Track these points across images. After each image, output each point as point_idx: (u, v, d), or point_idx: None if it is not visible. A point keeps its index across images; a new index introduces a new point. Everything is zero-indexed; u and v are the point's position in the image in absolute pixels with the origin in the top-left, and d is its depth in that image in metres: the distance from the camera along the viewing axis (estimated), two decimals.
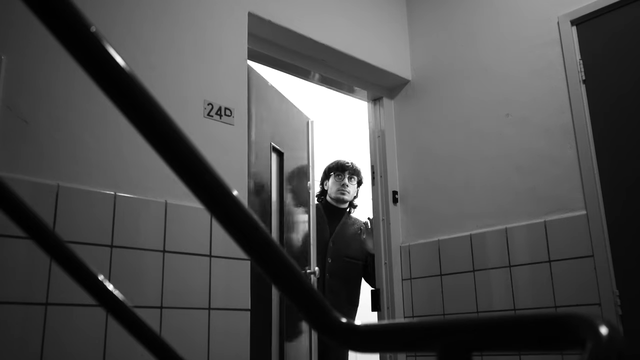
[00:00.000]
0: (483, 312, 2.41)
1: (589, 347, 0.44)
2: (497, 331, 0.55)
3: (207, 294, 1.84)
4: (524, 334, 0.53)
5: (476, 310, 2.45)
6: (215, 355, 1.81)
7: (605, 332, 0.45)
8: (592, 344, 0.44)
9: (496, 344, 0.56)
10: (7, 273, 1.48)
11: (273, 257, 0.64)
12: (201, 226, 1.88)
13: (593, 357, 0.42)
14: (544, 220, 2.30)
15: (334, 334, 0.66)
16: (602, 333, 0.45)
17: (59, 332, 1.52)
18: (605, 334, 0.45)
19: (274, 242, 0.64)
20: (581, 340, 0.46)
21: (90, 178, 1.70)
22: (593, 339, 0.44)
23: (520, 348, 0.54)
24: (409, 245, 2.79)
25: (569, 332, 0.49)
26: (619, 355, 0.42)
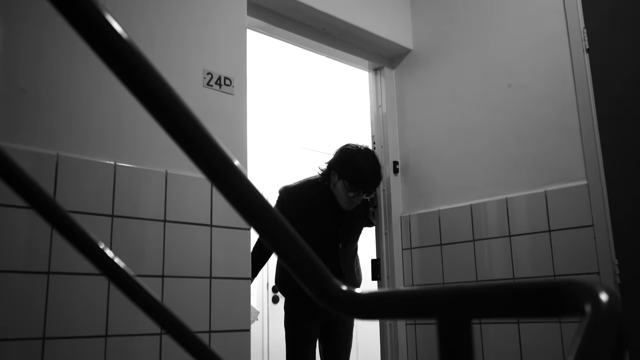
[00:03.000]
0: (483, 282, 2.43)
1: (588, 314, 0.44)
2: (496, 299, 0.55)
3: (208, 263, 1.85)
4: (523, 302, 0.53)
5: (476, 280, 2.47)
6: (217, 322, 1.83)
7: (605, 298, 0.45)
8: (592, 310, 0.44)
9: (496, 311, 0.56)
10: (9, 242, 1.48)
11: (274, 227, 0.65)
12: (202, 196, 1.88)
13: (593, 323, 0.42)
14: (545, 190, 2.30)
15: (335, 302, 0.67)
16: (602, 300, 0.45)
17: (61, 300, 1.53)
18: (605, 300, 0.45)
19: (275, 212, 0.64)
20: (580, 307, 0.46)
21: (90, 148, 1.69)
22: (593, 305, 0.44)
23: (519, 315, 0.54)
24: (409, 216, 2.80)
25: (569, 299, 0.49)
26: (618, 321, 0.42)
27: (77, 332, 1.55)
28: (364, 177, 2.59)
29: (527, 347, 2.27)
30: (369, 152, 2.70)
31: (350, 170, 2.60)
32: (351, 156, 2.64)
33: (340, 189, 2.63)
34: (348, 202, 2.65)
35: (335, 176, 2.66)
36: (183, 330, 0.75)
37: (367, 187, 2.63)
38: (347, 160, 2.64)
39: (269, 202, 0.63)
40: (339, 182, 2.63)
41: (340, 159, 2.68)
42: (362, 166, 2.60)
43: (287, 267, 0.67)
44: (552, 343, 2.18)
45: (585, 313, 0.44)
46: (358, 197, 2.63)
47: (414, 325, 2.69)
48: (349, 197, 2.61)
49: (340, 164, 2.65)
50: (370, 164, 2.62)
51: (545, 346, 2.21)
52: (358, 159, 2.62)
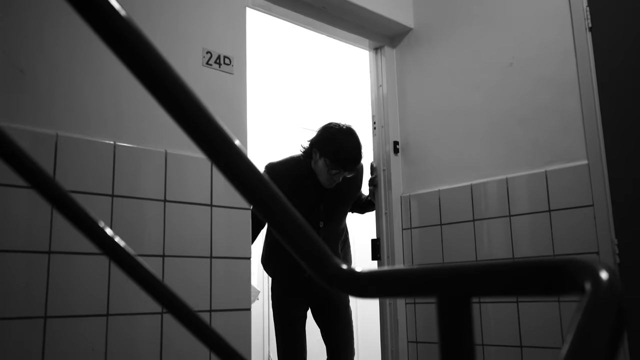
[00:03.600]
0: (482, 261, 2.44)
1: (588, 292, 0.44)
2: (496, 277, 0.55)
3: (208, 243, 1.86)
4: (523, 280, 0.53)
5: (475, 260, 2.47)
6: (218, 302, 1.84)
7: (605, 276, 0.45)
8: (592, 288, 0.44)
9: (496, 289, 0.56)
10: (10, 222, 1.49)
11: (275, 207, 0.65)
12: (202, 176, 1.88)
13: (592, 301, 0.42)
14: (545, 170, 2.30)
15: (335, 281, 0.67)
16: (602, 278, 0.45)
17: (62, 279, 1.54)
18: (605, 278, 0.45)
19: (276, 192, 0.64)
20: (580, 285, 0.46)
21: (89, 128, 1.69)
22: (593, 283, 0.44)
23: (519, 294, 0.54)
24: (409, 196, 2.80)
25: (569, 277, 0.49)
26: (618, 299, 0.42)
27: (78, 311, 1.56)
28: (345, 155, 2.61)
29: (526, 326, 2.28)
30: (350, 130, 2.72)
31: (332, 148, 2.62)
32: (333, 134, 2.68)
33: (321, 166, 2.66)
34: (329, 180, 2.66)
35: (317, 154, 2.67)
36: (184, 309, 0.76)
37: (348, 165, 2.63)
38: (329, 138, 2.67)
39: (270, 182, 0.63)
40: (320, 160, 2.65)
41: (322, 136, 2.71)
42: (343, 144, 2.62)
43: (287, 246, 0.67)
44: (551, 322, 2.20)
45: (585, 291, 0.44)
46: (339, 175, 2.65)
47: (413, 304, 2.71)
48: (330, 174, 2.63)
49: (322, 141, 2.68)
50: (351, 142, 2.64)
51: (544, 325, 2.23)
52: (339, 137, 2.65)
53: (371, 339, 3.45)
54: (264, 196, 0.64)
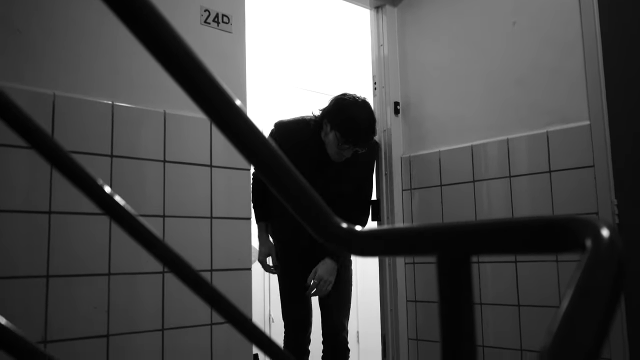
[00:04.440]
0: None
1: (589, 249, 0.44)
2: (497, 235, 0.55)
3: (208, 203, 1.86)
4: (524, 238, 0.53)
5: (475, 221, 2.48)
6: (218, 261, 1.86)
7: (606, 234, 0.45)
8: (593, 245, 0.44)
9: (496, 247, 0.56)
10: (9, 182, 1.48)
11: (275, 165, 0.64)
12: (201, 136, 1.87)
13: (593, 257, 0.42)
14: (546, 131, 2.29)
15: (335, 239, 0.67)
16: (603, 235, 0.45)
17: (63, 239, 1.55)
18: (606, 236, 0.45)
19: (277, 151, 0.63)
20: (581, 242, 0.46)
21: (87, 87, 1.67)
22: (593, 240, 0.44)
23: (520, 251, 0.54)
24: (410, 157, 2.80)
25: (569, 235, 0.49)
26: (619, 256, 0.42)
27: (80, 271, 1.57)
28: (357, 130, 2.47)
29: (524, 286, 2.31)
30: (365, 103, 2.57)
31: (344, 123, 2.48)
32: (346, 106, 2.53)
33: (331, 139, 2.52)
34: (337, 154, 2.55)
35: (328, 126, 2.54)
36: (185, 267, 0.76)
37: (359, 142, 2.50)
38: (341, 110, 2.52)
39: (270, 141, 0.63)
40: (331, 133, 2.52)
41: (334, 108, 2.57)
42: (357, 119, 2.48)
43: (288, 205, 0.67)
44: (549, 283, 2.22)
45: (586, 248, 0.44)
46: (348, 150, 2.53)
47: (412, 264, 2.73)
48: (340, 148, 2.51)
49: (334, 113, 2.54)
50: (364, 116, 2.52)
51: (541, 285, 2.25)
52: (353, 110, 2.51)
53: (370, 298, 3.49)
54: (265, 155, 0.63)
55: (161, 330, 1.70)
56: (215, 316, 1.81)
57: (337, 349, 2.76)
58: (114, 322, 1.61)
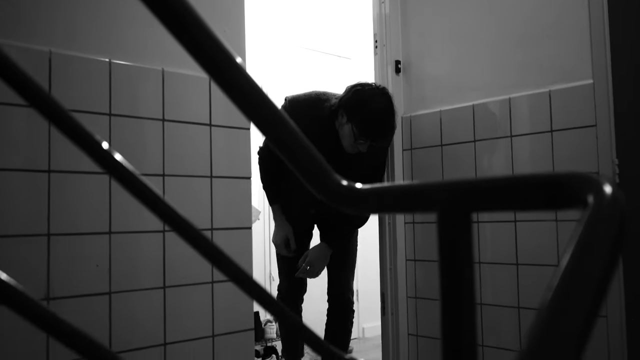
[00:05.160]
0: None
1: (591, 205, 0.43)
2: (498, 191, 0.55)
3: (208, 162, 1.86)
4: (525, 194, 0.52)
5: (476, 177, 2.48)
6: (219, 220, 1.87)
7: (608, 190, 0.44)
8: (595, 201, 0.43)
9: (496, 204, 0.56)
10: (8, 141, 1.48)
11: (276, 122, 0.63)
12: (200, 95, 1.86)
13: (595, 213, 0.42)
14: (549, 90, 2.26)
15: (335, 196, 0.67)
16: (606, 191, 0.44)
17: (63, 198, 1.55)
18: (608, 192, 0.44)
19: (276, 108, 0.63)
20: (583, 199, 0.46)
21: (83, 45, 1.64)
22: (595, 196, 0.44)
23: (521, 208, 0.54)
24: (410, 116, 2.78)
25: (571, 191, 0.48)
26: (621, 212, 0.42)
27: (81, 229, 1.58)
28: (377, 127, 2.32)
29: (523, 246, 2.33)
30: (385, 95, 2.40)
31: (362, 117, 2.33)
32: (365, 100, 2.36)
33: (347, 132, 2.38)
34: (352, 146, 2.42)
35: (344, 117, 2.38)
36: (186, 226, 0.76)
37: (378, 138, 2.38)
38: (360, 104, 2.35)
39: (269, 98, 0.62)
40: (347, 125, 2.37)
41: (352, 100, 2.38)
42: (377, 114, 2.33)
43: (288, 162, 0.67)
44: (548, 242, 2.23)
45: (588, 204, 0.44)
46: (364, 145, 2.39)
47: (412, 224, 2.74)
48: (355, 142, 2.38)
49: (352, 106, 2.37)
50: (385, 112, 2.36)
51: (540, 245, 2.27)
52: (372, 104, 2.34)
53: (370, 257, 3.52)
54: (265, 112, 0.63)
55: (163, 288, 1.72)
56: (216, 274, 1.83)
57: (342, 309, 2.80)
58: (115, 280, 1.63)
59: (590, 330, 0.37)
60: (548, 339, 0.36)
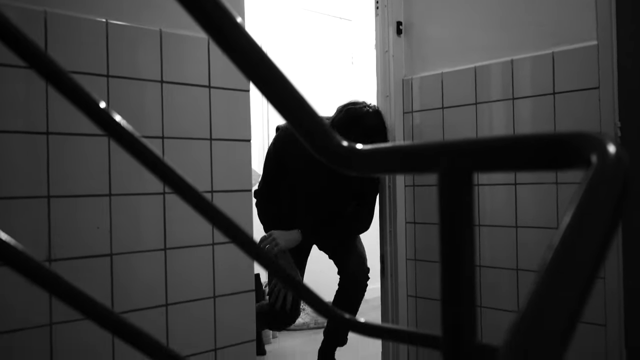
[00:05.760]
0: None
1: (594, 164, 0.43)
2: (500, 151, 0.54)
3: (207, 125, 1.85)
4: (527, 154, 0.52)
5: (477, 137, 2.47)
6: (219, 183, 1.87)
7: (612, 150, 0.44)
8: (598, 160, 0.43)
9: (498, 164, 0.56)
10: (5, 102, 1.46)
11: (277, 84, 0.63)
12: (199, 56, 1.83)
13: (598, 172, 0.41)
14: (552, 52, 2.24)
15: (335, 157, 0.66)
16: (609, 150, 0.44)
17: (62, 160, 1.54)
18: (612, 151, 0.44)
19: (277, 68, 0.62)
20: (586, 158, 0.46)
21: (79, 4, 1.61)
22: (599, 156, 0.43)
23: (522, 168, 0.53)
24: (411, 79, 2.75)
25: (574, 150, 0.48)
26: (625, 172, 0.42)
27: (81, 191, 1.58)
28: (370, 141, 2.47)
29: (522, 208, 2.33)
30: (377, 113, 2.58)
31: (355, 134, 2.47)
32: (357, 118, 2.52)
33: None
34: None
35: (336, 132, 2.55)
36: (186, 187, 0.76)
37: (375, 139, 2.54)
38: (353, 122, 2.50)
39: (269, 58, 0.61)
40: None
41: (344, 118, 2.53)
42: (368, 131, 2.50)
43: (290, 123, 0.66)
44: (547, 205, 2.24)
45: (591, 164, 0.43)
46: None
47: (412, 187, 2.75)
48: None
49: (345, 125, 2.51)
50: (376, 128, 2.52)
51: (540, 208, 2.27)
52: (365, 121, 2.50)
53: None
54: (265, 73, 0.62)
55: (163, 249, 1.73)
56: (217, 236, 1.84)
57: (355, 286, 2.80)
58: (116, 242, 1.63)
59: (589, 291, 0.37)
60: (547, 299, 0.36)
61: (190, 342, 1.79)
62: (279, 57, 4.34)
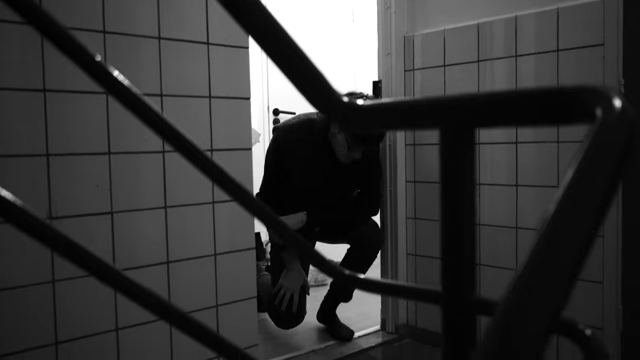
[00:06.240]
0: None
1: (599, 118, 0.42)
2: (502, 106, 0.53)
3: (206, 82, 1.82)
4: (531, 108, 0.51)
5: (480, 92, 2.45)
6: (218, 141, 1.86)
7: (618, 103, 0.43)
8: (603, 114, 0.42)
9: (501, 119, 0.55)
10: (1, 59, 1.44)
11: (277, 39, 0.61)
12: (196, 10, 1.79)
13: (604, 126, 0.41)
14: (557, 8, 2.19)
15: (335, 112, 0.66)
16: (615, 103, 0.43)
17: (60, 118, 1.53)
18: (618, 105, 0.43)
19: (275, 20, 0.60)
20: (590, 112, 0.45)
21: None
22: (604, 108, 0.42)
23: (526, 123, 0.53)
24: (413, 35, 2.71)
25: (578, 104, 0.47)
26: (631, 126, 0.41)
27: (79, 149, 1.57)
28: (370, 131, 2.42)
29: (523, 167, 2.33)
30: None
31: None
32: None
33: (340, 141, 2.53)
34: (346, 156, 2.56)
35: (336, 127, 2.53)
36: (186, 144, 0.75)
37: (370, 144, 2.56)
38: None
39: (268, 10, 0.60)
40: (340, 135, 2.52)
41: None
42: None
43: (289, 78, 0.65)
44: (548, 165, 2.23)
45: (596, 117, 0.43)
46: (358, 152, 2.54)
47: (412, 146, 2.74)
48: (349, 151, 2.52)
49: None
50: None
51: (540, 167, 2.27)
52: None
53: None
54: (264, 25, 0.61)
55: (164, 208, 1.73)
56: (217, 195, 1.84)
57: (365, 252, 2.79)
58: (116, 200, 1.63)
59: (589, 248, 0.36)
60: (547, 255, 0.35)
61: (191, 299, 1.81)
62: (277, 14, 4.26)
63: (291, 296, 2.67)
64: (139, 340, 1.68)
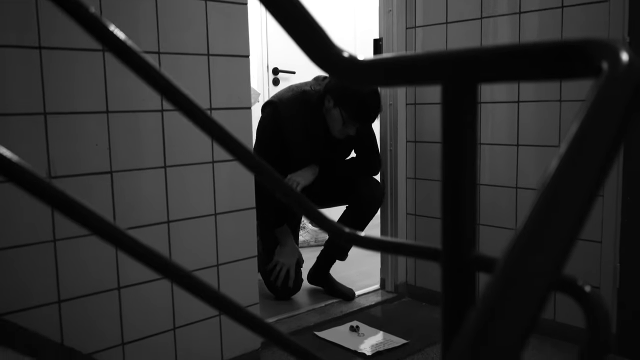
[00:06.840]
0: None
1: (605, 72, 0.41)
2: (506, 60, 0.52)
3: (204, 40, 1.79)
4: (535, 62, 0.50)
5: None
6: (217, 99, 1.84)
7: (625, 57, 0.42)
8: (610, 68, 0.41)
9: (505, 73, 0.54)
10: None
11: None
12: None
13: (610, 80, 0.40)
14: None
15: (335, 68, 0.64)
16: (622, 57, 0.42)
17: (56, 76, 1.51)
18: (625, 59, 0.42)
19: None
20: (596, 66, 0.44)
21: None
22: (610, 62, 0.41)
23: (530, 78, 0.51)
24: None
25: (584, 58, 0.46)
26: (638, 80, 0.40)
27: (77, 108, 1.56)
28: (365, 109, 2.48)
29: (525, 127, 2.31)
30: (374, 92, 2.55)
31: (351, 102, 2.47)
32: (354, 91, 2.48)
33: (335, 116, 2.53)
34: (341, 132, 2.56)
35: (331, 102, 2.52)
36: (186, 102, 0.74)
37: (367, 120, 2.54)
38: (347, 89, 2.46)
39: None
40: (335, 110, 2.52)
41: (339, 84, 2.48)
42: (364, 97, 2.46)
43: (288, 33, 0.64)
44: (550, 124, 2.22)
45: (602, 71, 0.42)
46: (353, 128, 2.55)
47: (413, 105, 2.72)
48: (343, 127, 2.54)
49: (339, 91, 2.50)
50: (372, 95, 2.49)
51: (542, 127, 2.25)
52: (359, 89, 2.46)
53: None
54: None
55: (163, 167, 1.73)
56: (216, 154, 1.83)
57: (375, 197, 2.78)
58: (116, 159, 1.63)
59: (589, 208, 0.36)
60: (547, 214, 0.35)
61: (192, 258, 1.82)
62: None
63: (287, 271, 2.70)
64: (141, 298, 1.70)
